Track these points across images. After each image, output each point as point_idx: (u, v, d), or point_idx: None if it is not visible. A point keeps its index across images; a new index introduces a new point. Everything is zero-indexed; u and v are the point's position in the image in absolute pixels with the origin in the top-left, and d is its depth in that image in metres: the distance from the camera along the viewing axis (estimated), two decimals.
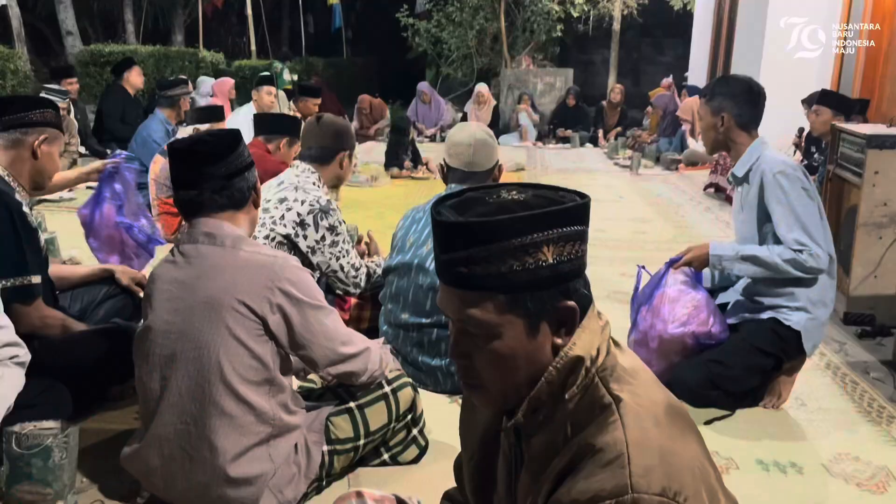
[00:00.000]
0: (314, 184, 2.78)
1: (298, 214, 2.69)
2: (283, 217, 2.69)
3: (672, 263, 2.59)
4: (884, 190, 3.33)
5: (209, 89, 8.68)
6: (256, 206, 1.88)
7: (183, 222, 2.00)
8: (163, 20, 16.13)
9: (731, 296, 2.74)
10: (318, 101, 6.96)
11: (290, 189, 2.74)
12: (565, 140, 10.32)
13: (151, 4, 15.13)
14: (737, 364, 2.48)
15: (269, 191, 2.80)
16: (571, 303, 1.00)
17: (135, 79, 7.61)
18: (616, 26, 15.14)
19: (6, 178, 2.28)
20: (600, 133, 10.31)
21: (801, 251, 2.39)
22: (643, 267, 2.72)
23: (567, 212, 0.98)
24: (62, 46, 13.26)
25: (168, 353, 1.72)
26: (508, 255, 0.95)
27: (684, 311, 2.50)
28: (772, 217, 2.46)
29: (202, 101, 8.23)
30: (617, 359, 1.04)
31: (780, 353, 2.52)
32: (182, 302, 1.72)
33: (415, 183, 7.25)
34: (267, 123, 4.23)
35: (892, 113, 5.77)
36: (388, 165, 7.60)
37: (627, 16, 14.94)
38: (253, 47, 13.18)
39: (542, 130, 10.72)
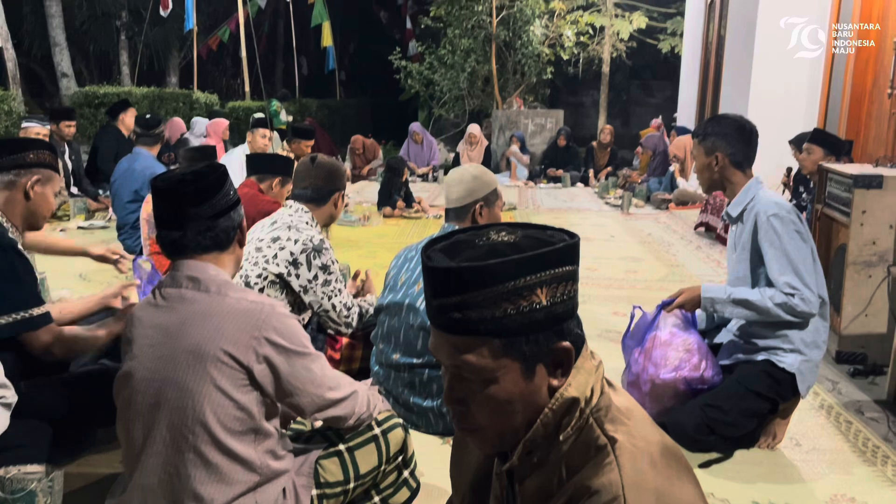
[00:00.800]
0: (307, 223, 2.79)
1: (291, 253, 2.69)
2: (276, 256, 2.69)
3: (664, 305, 2.58)
4: (871, 229, 3.36)
5: (203, 129, 8.73)
6: (242, 244, 1.84)
7: None
8: (158, 62, 16.30)
9: (725, 336, 2.73)
10: (311, 142, 7.01)
11: (283, 228, 2.75)
12: (556, 180, 10.42)
13: (147, 47, 15.30)
14: (733, 409, 2.46)
15: (262, 230, 2.81)
16: (567, 343, 0.99)
17: (130, 120, 7.64)
18: (605, 69, 15.43)
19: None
20: (591, 173, 10.42)
21: (792, 295, 2.39)
22: (639, 307, 2.71)
23: (558, 252, 0.97)
24: (57, 88, 13.37)
25: (151, 402, 1.66)
26: (502, 298, 0.94)
27: (676, 354, 2.48)
28: (764, 258, 2.46)
29: (196, 142, 8.28)
30: (611, 399, 1.03)
31: (776, 395, 2.50)
32: (165, 349, 1.66)
33: (407, 222, 7.27)
34: (259, 164, 4.25)
35: (878, 153, 5.85)
36: (380, 205, 7.64)
37: (616, 58, 15.23)
38: (247, 88, 13.30)
39: (534, 170, 10.83)
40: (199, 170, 1.75)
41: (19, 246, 2.27)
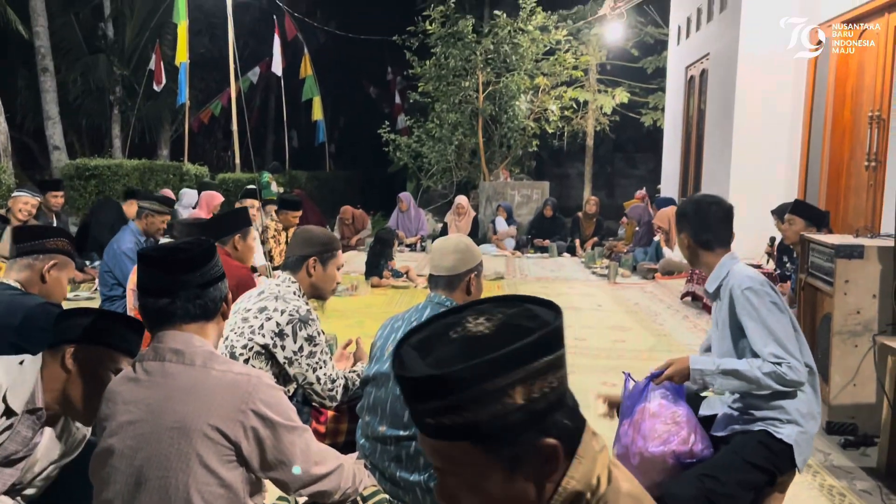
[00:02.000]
0: (294, 293, 2.79)
1: (278, 324, 2.67)
2: (262, 327, 2.68)
3: (653, 377, 2.57)
4: (855, 298, 3.38)
5: (192, 201, 8.79)
6: (225, 317, 1.84)
7: None
8: (149, 135, 16.52)
9: (720, 408, 2.70)
10: (299, 213, 7.08)
11: (270, 299, 2.74)
12: (543, 249, 10.50)
13: (139, 120, 15.52)
14: (730, 480, 2.41)
15: (249, 300, 2.80)
16: (551, 441, 0.93)
17: (128, 209, 7.69)
18: (589, 142, 15.80)
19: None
20: (577, 243, 10.52)
21: (779, 363, 2.38)
22: (629, 374, 2.70)
23: (534, 345, 0.90)
24: (48, 160, 13.47)
25: (132, 482, 1.61)
26: (473, 403, 0.89)
27: (665, 427, 2.45)
28: (745, 332, 2.47)
29: (184, 213, 8.32)
30: (619, 487, 0.99)
31: (773, 467, 2.46)
32: (147, 426, 1.62)
33: (395, 291, 7.27)
34: (215, 228, 3.92)
35: (857, 223, 5.96)
36: (368, 274, 7.64)
37: (600, 132, 15.59)
38: (237, 160, 13.46)
39: (521, 240, 10.93)
40: (190, 241, 1.80)
41: None
